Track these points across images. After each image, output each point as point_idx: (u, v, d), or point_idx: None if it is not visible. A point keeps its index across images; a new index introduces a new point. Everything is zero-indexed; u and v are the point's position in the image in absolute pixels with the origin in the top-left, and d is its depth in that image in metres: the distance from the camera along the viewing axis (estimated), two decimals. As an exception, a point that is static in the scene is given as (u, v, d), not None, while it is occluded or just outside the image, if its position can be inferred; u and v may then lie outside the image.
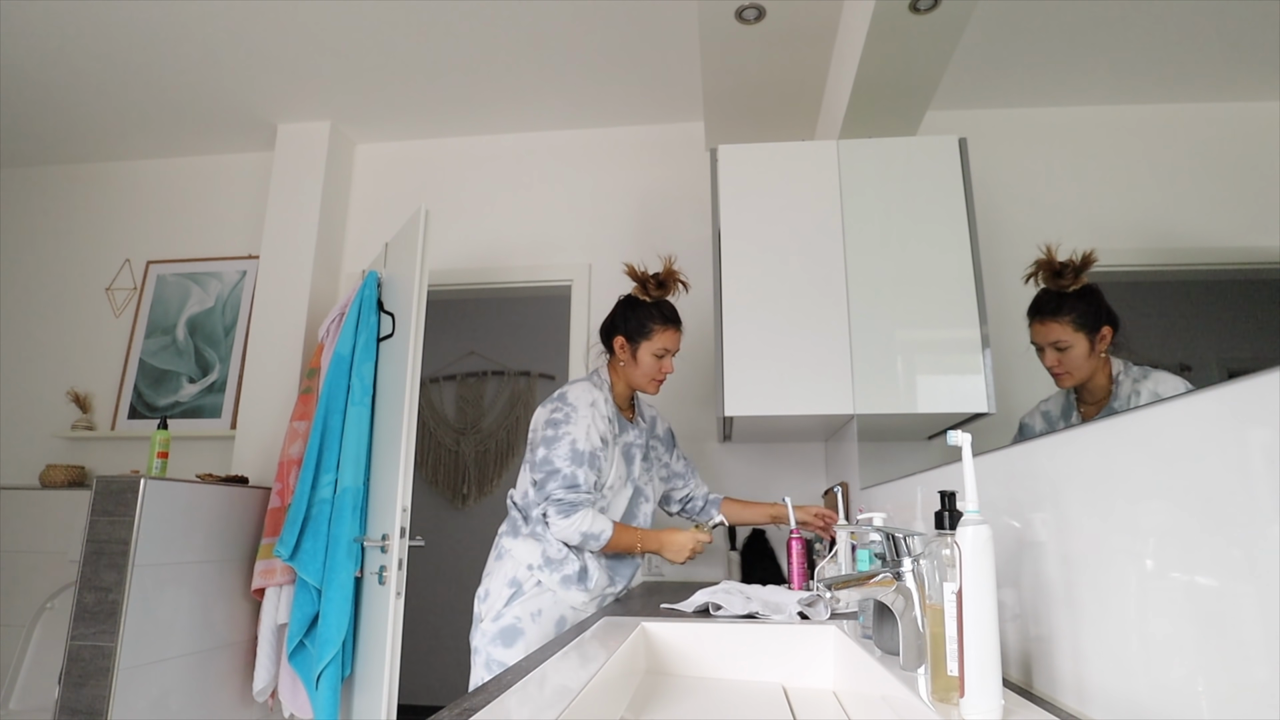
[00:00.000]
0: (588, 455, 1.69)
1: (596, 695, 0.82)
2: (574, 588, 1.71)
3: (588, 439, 1.70)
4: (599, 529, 1.68)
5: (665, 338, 1.81)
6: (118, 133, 3.12)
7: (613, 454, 1.76)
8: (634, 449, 1.84)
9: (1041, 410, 0.85)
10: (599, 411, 1.74)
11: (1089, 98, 0.86)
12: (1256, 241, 0.56)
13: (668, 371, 1.82)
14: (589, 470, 1.69)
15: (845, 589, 0.79)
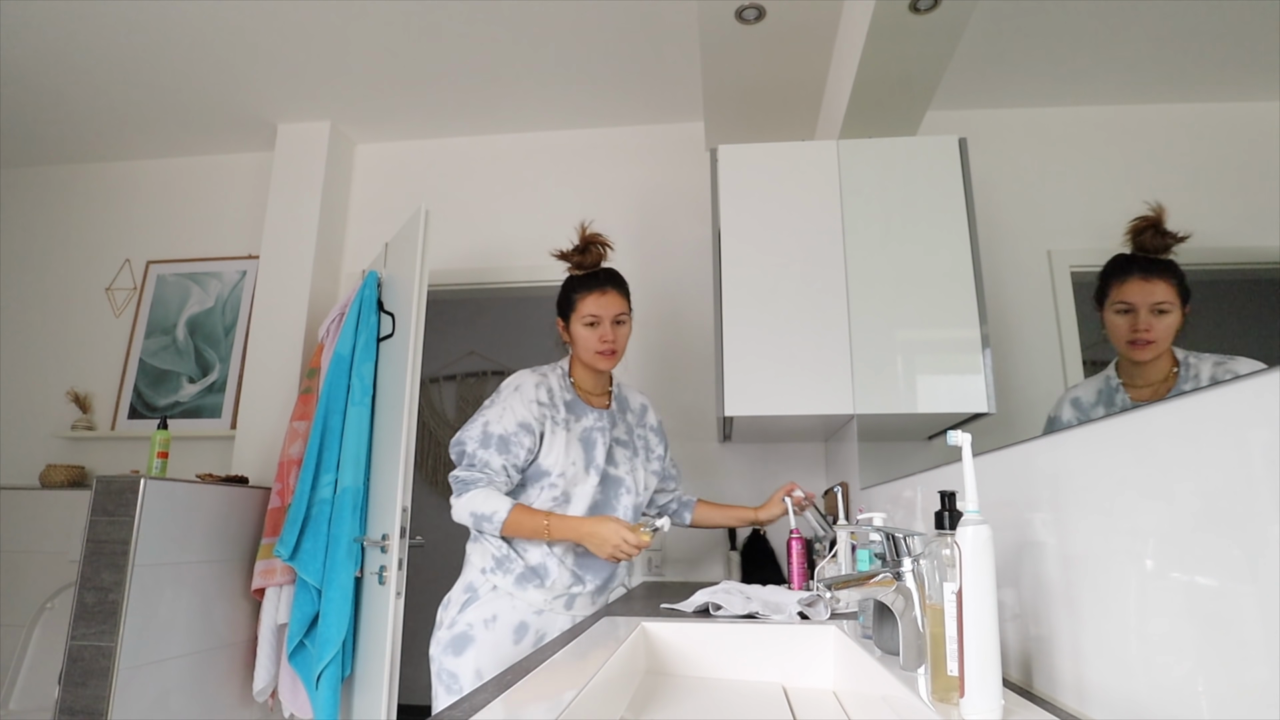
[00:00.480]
0: (496, 438, 1.58)
1: (596, 695, 0.82)
2: (530, 588, 1.60)
3: (501, 422, 1.59)
4: (491, 509, 1.54)
5: (590, 304, 1.66)
6: (118, 133, 3.12)
7: (557, 439, 1.62)
8: (596, 433, 1.68)
9: (1070, 399, 0.79)
10: (525, 396, 1.62)
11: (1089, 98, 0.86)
12: (1256, 241, 0.56)
13: (608, 340, 1.66)
14: (496, 453, 1.57)
15: (845, 589, 0.79)
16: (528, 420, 1.60)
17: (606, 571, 1.67)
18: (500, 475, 1.58)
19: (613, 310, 1.67)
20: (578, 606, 1.66)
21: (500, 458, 1.58)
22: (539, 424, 1.61)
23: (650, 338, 2.78)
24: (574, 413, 1.68)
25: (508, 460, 1.58)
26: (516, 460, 1.59)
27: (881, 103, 1.83)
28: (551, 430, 1.62)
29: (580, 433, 1.67)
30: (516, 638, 1.57)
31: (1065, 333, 0.86)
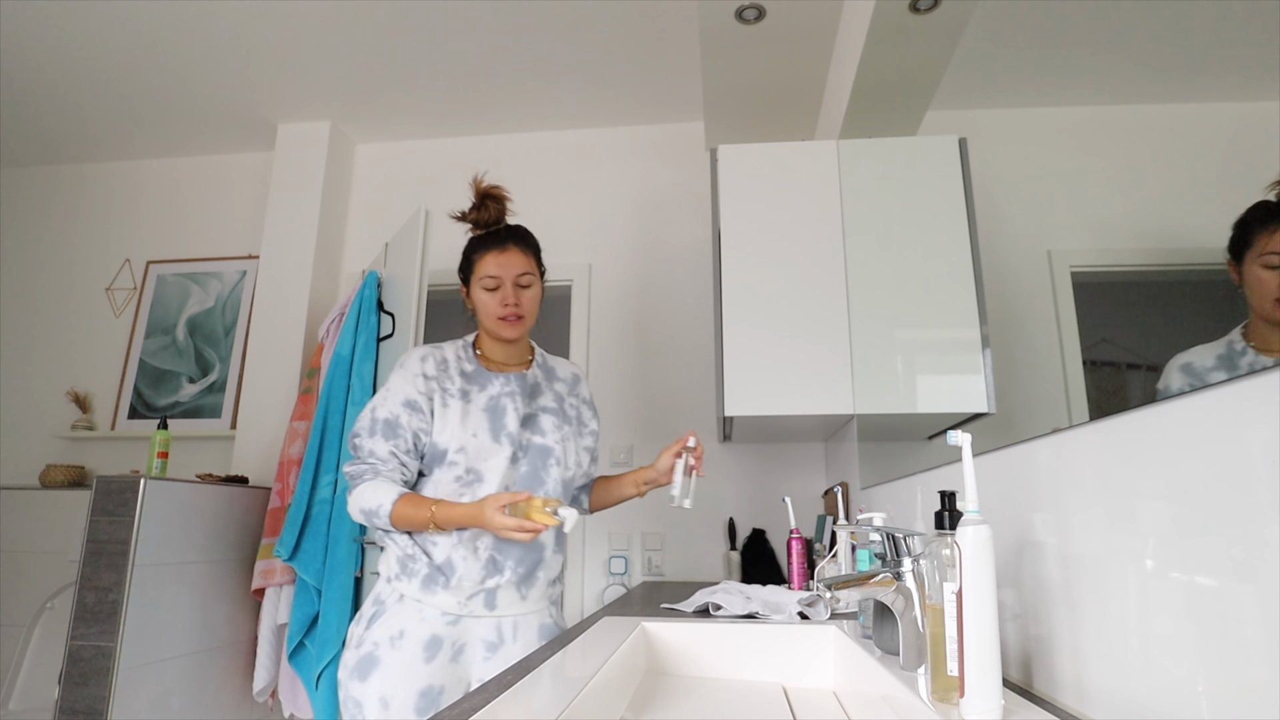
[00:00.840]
0: (382, 423, 1.40)
1: (596, 695, 0.82)
2: (439, 590, 1.37)
3: (385, 405, 1.42)
4: (376, 502, 1.35)
5: (488, 263, 1.47)
6: (118, 133, 3.12)
7: (450, 412, 1.43)
8: (506, 399, 1.46)
9: (1180, 365, 0.70)
10: (408, 371, 1.45)
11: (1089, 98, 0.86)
12: (1256, 241, 0.56)
13: (510, 304, 1.46)
14: (383, 439, 1.40)
15: (845, 589, 0.79)
16: (412, 397, 1.42)
17: (531, 557, 1.43)
18: (390, 463, 1.40)
19: (514, 270, 1.47)
20: (502, 604, 1.41)
21: (387, 443, 1.40)
22: (426, 399, 1.43)
23: (651, 338, 2.78)
24: (476, 382, 1.48)
25: (396, 445, 1.40)
26: (406, 443, 1.41)
27: (881, 103, 1.83)
28: (443, 403, 1.43)
29: (485, 402, 1.46)
30: (428, 655, 1.34)
31: (1065, 333, 0.86)
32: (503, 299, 1.46)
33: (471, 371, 1.50)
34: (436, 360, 1.48)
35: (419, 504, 1.35)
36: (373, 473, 1.39)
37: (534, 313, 1.51)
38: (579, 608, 2.58)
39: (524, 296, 1.48)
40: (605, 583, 2.59)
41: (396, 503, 1.34)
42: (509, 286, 1.46)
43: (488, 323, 1.49)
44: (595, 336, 2.81)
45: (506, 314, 1.46)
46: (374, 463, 1.40)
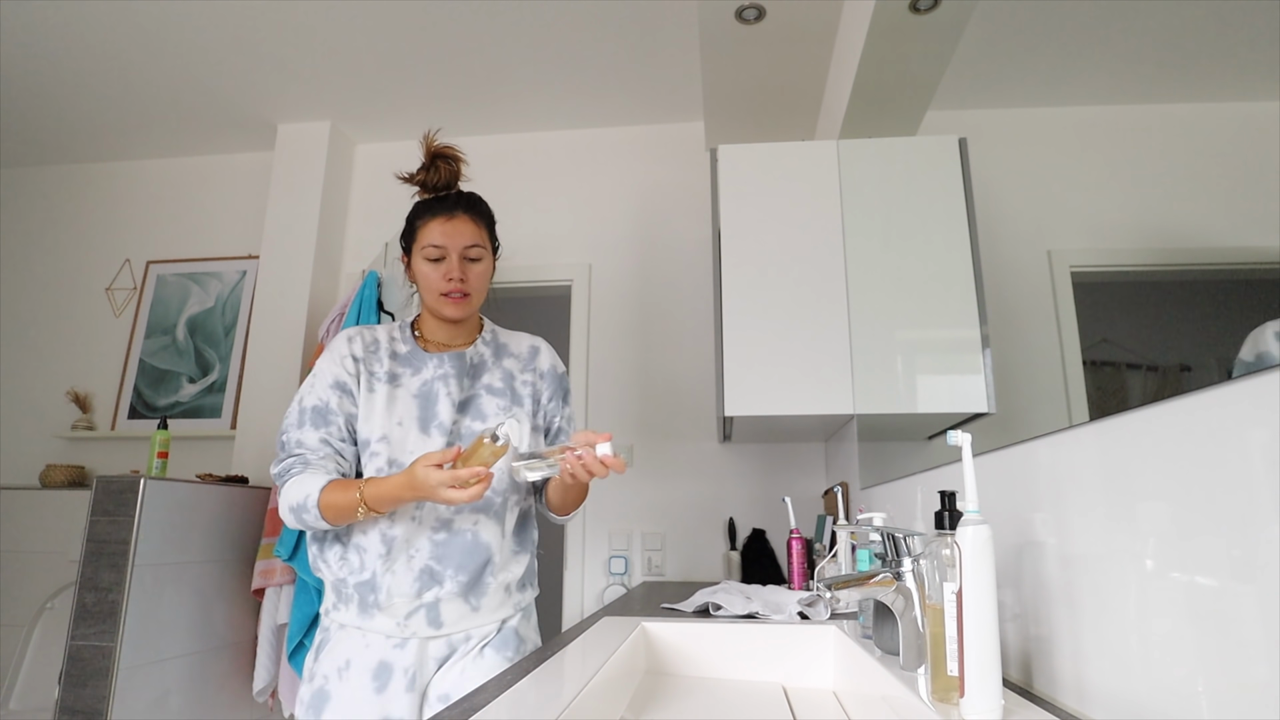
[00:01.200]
0: (311, 411, 1.26)
1: (596, 695, 0.82)
2: (375, 613, 1.22)
3: (313, 391, 1.28)
4: (303, 494, 1.18)
5: (433, 231, 1.30)
6: (118, 133, 3.12)
7: (376, 397, 1.28)
8: (439, 383, 1.30)
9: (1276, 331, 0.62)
10: (335, 353, 1.31)
11: (1089, 98, 0.86)
12: (1256, 241, 0.56)
13: (456, 279, 1.29)
14: (311, 428, 1.26)
15: (845, 589, 0.79)
16: (342, 379, 1.29)
17: (474, 560, 1.25)
18: (321, 451, 1.25)
19: (462, 240, 1.30)
20: (450, 619, 1.24)
21: (317, 432, 1.25)
22: (355, 381, 1.30)
23: (650, 338, 2.78)
24: (408, 365, 1.33)
25: (328, 433, 1.26)
26: (339, 430, 1.27)
27: (881, 103, 1.83)
28: (369, 387, 1.29)
29: (416, 387, 1.31)
30: (378, 684, 1.20)
31: (1065, 333, 0.86)
32: (446, 272, 1.29)
33: (405, 353, 1.34)
34: (366, 341, 1.33)
35: (346, 486, 1.17)
36: (301, 464, 1.23)
37: (482, 291, 1.34)
38: (579, 608, 2.58)
39: (471, 271, 1.31)
40: (605, 583, 2.59)
41: (324, 490, 1.17)
42: (454, 259, 1.29)
43: (429, 298, 1.32)
44: (595, 336, 2.81)
45: (450, 289, 1.29)
46: (302, 453, 1.24)
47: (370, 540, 1.24)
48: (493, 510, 1.30)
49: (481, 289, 1.34)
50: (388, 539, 1.23)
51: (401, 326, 1.38)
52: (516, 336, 1.47)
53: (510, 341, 1.45)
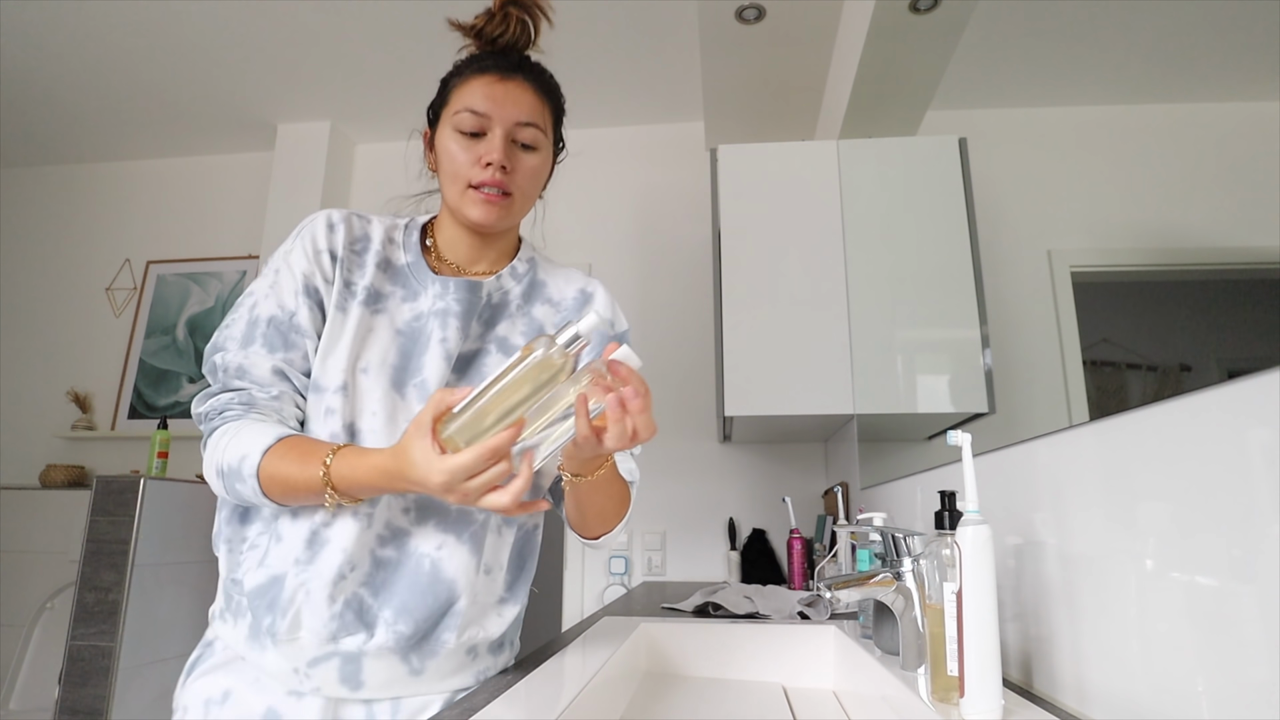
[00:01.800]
0: (265, 325, 0.85)
1: (596, 695, 0.82)
2: (265, 643, 0.80)
3: (273, 293, 0.87)
4: (237, 455, 0.79)
5: (472, 91, 0.89)
6: (118, 133, 3.12)
7: (344, 323, 0.87)
8: (433, 320, 0.89)
9: None
10: (307, 242, 0.88)
11: (1089, 98, 0.86)
12: (1256, 241, 0.56)
13: (496, 165, 0.86)
14: (263, 349, 0.84)
15: (845, 589, 0.79)
16: (313, 281, 0.87)
17: (429, 601, 0.82)
18: (274, 388, 0.83)
19: (516, 112, 0.88)
20: (373, 680, 0.81)
21: (272, 357, 0.84)
22: (328, 289, 0.88)
23: (651, 338, 2.78)
24: (401, 283, 0.91)
25: (288, 359, 0.85)
26: (304, 358, 0.86)
27: (881, 103, 1.83)
28: (340, 304, 0.87)
29: (404, 320, 0.89)
30: None
31: (1065, 333, 0.86)
32: (484, 154, 0.86)
33: (404, 265, 0.92)
34: (352, 233, 0.91)
35: (306, 452, 0.77)
36: (241, 405, 0.82)
37: (530, 196, 0.92)
38: (579, 608, 2.58)
39: (522, 163, 0.89)
40: (605, 583, 2.59)
41: (272, 451, 0.77)
42: (499, 136, 0.86)
43: (451, 192, 0.89)
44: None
45: (485, 179, 0.86)
46: (245, 387, 0.83)
47: (292, 529, 0.81)
48: (470, 528, 0.85)
49: (530, 192, 0.92)
50: (317, 538, 0.80)
51: (408, 227, 0.96)
52: (564, 274, 1.03)
53: (552, 279, 1.01)
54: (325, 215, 0.91)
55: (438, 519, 0.85)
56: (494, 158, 0.86)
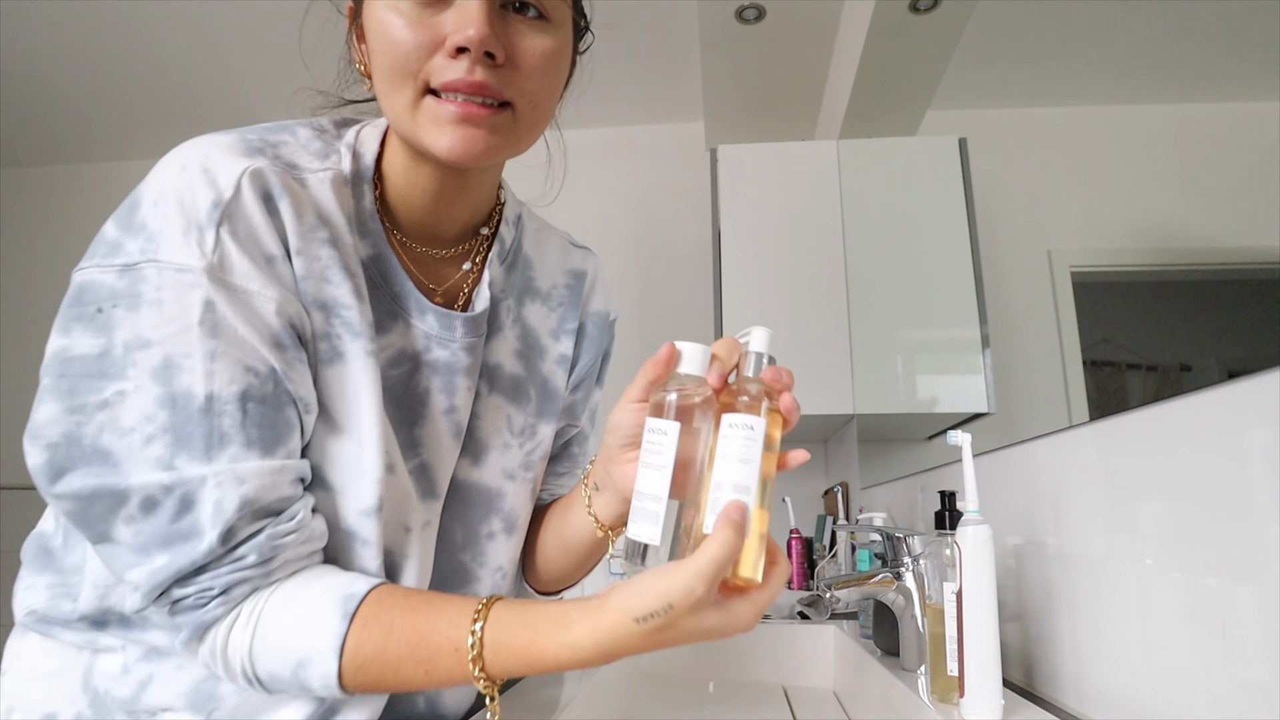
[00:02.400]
0: (231, 408, 0.48)
1: (596, 695, 0.82)
2: None
3: (221, 359, 0.48)
4: (296, 654, 0.47)
5: None
6: (118, 133, 3.12)
7: (356, 372, 0.54)
8: (426, 375, 0.60)
9: None
10: (250, 244, 0.50)
11: (1089, 98, 0.86)
12: (1256, 241, 0.56)
13: (472, 49, 0.49)
14: (252, 454, 0.48)
15: (845, 589, 0.79)
16: (274, 326, 0.50)
17: None
18: (297, 512, 0.50)
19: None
20: None
21: (268, 461, 0.49)
22: (307, 331, 0.53)
23: (651, 338, 2.78)
24: (393, 295, 0.59)
25: (288, 453, 0.51)
26: (295, 446, 0.51)
27: (881, 103, 1.83)
28: (326, 356, 0.54)
29: (381, 365, 0.56)
30: None
31: (1065, 333, 0.86)
32: (452, 27, 0.51)
33: (368, 260, 0.57)
34: (299, 205, 0.53)
35: (423, 628, 0.48)
36: (244, 583, 0.48)
37: (543, 106, 0.58)
38: (579, 608, 2.58)
39: (524, 42, 0.54)
40: (605, 583, 2.59)
41: (359, 619, 0.48)
42: (476, 3, 0.50)
43: (396, 103, 0.54)
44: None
45: (458, 79, 0.51)
46: (242, 557, 0.48)
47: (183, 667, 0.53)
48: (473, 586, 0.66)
49: (541, 100, 0.57)
50: None
51: (357, 162, 0.59)
52: (549, 245, 0.73)
53: (538, 255, 0.72)
54: (248, 175, 0.50)
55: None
56: (472, 35, 0.49)
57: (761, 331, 0.51)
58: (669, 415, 0.48)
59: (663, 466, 0.47)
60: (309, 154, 0.57)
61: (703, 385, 0.49)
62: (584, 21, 0.67)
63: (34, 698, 0.55)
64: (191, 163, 0.50)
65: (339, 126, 0.63)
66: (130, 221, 0.49)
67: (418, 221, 0.61)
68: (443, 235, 0.62)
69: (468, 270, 0.64)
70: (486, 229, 0.66)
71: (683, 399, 0.48)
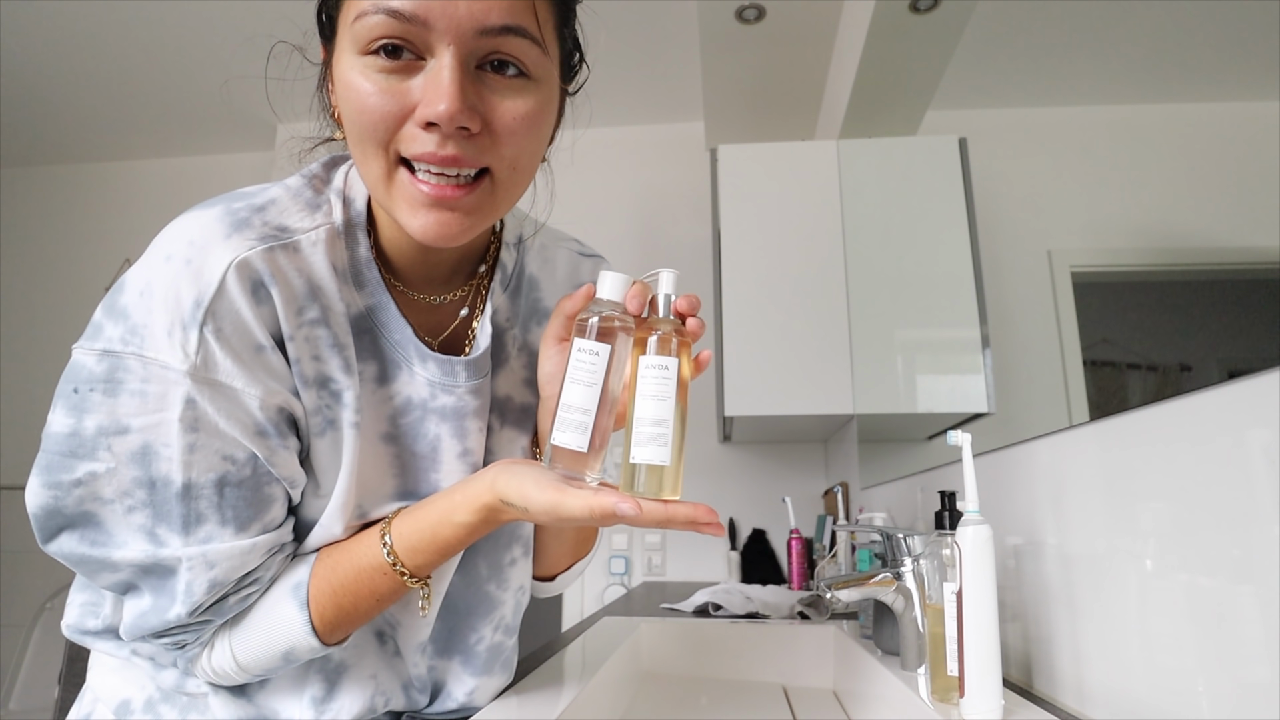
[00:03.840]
0: (208, 494, 0.51)
1: (596, 695, 0.82)
2: None
3: (203, 449, 0.50)
4: (279, 639, 0.55)
5: None
6: (118, 133, 3.12)
7: (345, 446, 0.56)
8: (434, 422, 0.60)
9: None
10: (236, 343, 0.50)
11: (1089, 98, 0.86)
12: (1256, 241, 0.56)
13: (441, 122, 0.47)
14: (226, 531, 0.52)
15: (845, 589, 0.79)
16: (258, 420, 0.52)
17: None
18: (267, 567, 0.55)
19: (478, 8, 0.48)
20: None
21: (243, 537, 0.53)
22: (293, 396, 0.54)
23: (650, 338, 2.78)
24: (368, 348, 0.58)
25: (266, 521, 0.54)
26: (281, 505, 0.56)
27: (881, 103, 1.83)
28: (319, 430, 0.56)
29: (387, 416, 0.60)
30: None
31: (1065, 333, 0.86)
32: (423, 97, 0.49)
33: (365, 311, 0.58)
34: (289, 288, 0.53)
35: (352, 569, 0.55)
36: (211, 629, 0.55)
37: (524, 169, 0.55)
38: (579, 608, 2.58)
39: (500, 107, 0.51)
40: (605, 583, 2.59)
41: (311, 598, 0.54)
42: (452, 62, 0.48)
43: (370, 170, 0.52)
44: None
45: (429, 151, 0.49)
46: (204, 622, 0.54)
47: None
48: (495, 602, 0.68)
49: (523, 164, 0.54)
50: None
51: (349, 214, 0.58)
52: (559, 256, 0.74)
53: (545, 275, 0.71)
54: (234, 268, 0.50)
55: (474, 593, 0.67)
56: (442, 110, 0.46)
57: (669, 273, 0.58)
58: (590, 336, 0.54)
59: (592, 384, 0.53)
60: (299, 209, 0.57)
61: (622, 312, 0.55)
62: (578, 58, 0.65)
63: (111, 686, 0.62)
64: (176, 253, 0.50)
65: (329, 168, 0.62)
66: (113, 306, 0.51)
67: (411, 264, 0.61)
68: (438, 276, 0.63)
69: (466, 316, 0.64)
70: (484, 265, 0.66)
71: (604, 322, 0.54)
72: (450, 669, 0.67)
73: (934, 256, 1.44)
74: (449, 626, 0.66)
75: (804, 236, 2.01)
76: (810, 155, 2.07)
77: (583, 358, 0.53)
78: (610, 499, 0.48)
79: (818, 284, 1.97)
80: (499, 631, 0.68)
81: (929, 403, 1.49)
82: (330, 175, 0.61)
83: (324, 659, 0.60)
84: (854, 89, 1.84)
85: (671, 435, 0.52)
